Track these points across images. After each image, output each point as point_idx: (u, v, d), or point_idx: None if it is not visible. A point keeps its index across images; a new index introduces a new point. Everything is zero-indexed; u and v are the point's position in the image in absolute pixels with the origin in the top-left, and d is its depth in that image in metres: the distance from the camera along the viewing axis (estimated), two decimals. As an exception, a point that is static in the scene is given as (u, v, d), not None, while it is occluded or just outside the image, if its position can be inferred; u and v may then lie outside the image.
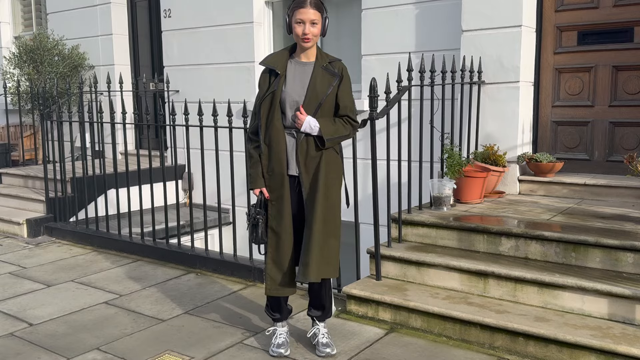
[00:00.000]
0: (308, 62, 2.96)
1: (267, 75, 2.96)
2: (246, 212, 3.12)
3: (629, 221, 3.72)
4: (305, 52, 2.95)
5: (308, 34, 2.84)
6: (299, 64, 2.96)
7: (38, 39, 7.63)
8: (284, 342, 3.13)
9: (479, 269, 3.45)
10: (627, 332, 2.94)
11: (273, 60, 2.97)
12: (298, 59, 2.97)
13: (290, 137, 2.95)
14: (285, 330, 3.18)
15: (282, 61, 2.95)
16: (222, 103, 4.87)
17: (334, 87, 2.93)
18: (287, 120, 2.93)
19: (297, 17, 2.84)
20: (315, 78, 2.91)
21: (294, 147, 2.94)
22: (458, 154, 4.23)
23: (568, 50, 4.65)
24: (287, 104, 2.92)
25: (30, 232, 5.77)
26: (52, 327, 3.59)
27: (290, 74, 2.95)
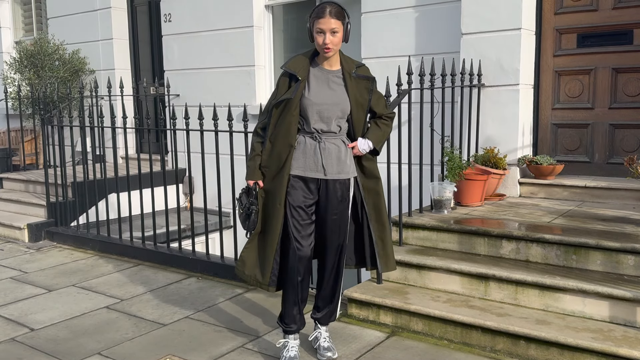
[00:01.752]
0: (332, 70, 2.94)
1: (287, 79, 2.92)
2: (237, 197, 3.13)
3: (629, 223, 3.72)
4: (328, 60, 2.93)
5: (328, 44, 2.82)
6: (322, 71, 2.94)
7: (39, 44, 7.65)
8: (295, 355, 3.04)
9: (480, 272, 3.45)
10: (628, 335, 2.94)
11: (294, 65, 2.92)
12: (321, 66, 2.94)
13: (310, 140, 2.95)
14: (297, 343, 3.09)
15: (304, 67, 2.92)
16: (222, 107, 4.88)
17: (372, 90, 2.99)
18: (308, 126, 2.93)
19: (317, 26, 2.82)
20: (354, 89, 2.94)
21: (316, 150, 2.94)
22: (458, 157, 4.23)
23: (568, 52, 4.66)
24: (313, 110, 2.90)
25: (31, 236, 5.77)
26: (53, 332, 3.59)
27: (313, 80, 2.92)
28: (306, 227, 2.97)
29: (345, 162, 2.99)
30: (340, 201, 3.00)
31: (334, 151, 2.96)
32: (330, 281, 3.11)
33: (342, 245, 3.07)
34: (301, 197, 2.95)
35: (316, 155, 2.94)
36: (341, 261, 3.10)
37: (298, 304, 3.04)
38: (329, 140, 2.95)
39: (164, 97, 6.83)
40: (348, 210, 3.05)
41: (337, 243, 3.05)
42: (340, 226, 3.03)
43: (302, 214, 2.95)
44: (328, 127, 2.94)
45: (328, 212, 2.99)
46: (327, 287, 3.12)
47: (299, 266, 2.95)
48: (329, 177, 2.96)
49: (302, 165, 2.95)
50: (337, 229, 3.02)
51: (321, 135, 2.94)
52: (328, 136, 2.95)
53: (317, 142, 2.94)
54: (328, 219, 3.00)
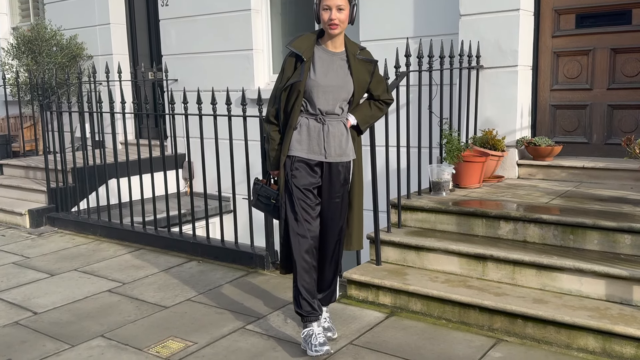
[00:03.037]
0: (337, 52, 2.94)
1: (293, 59, 2.91)
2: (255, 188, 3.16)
3: (627, 203, 3.74)
4: (333, 40, 2.91)
5: (334, 20, 2.80)
6: (327, 53, 2.93)
7: (36, 30, 7.62)
8: (325, 341, 2.95)
9: (477, 253, 3.48)
10: (624, 313, 2.97)
11: (299, 44, 2.90)
12: (325, 47, 2.93)
13: (314, 122, 2.95)
14: (321, 330, 3.00)
15: (309, 47, 2.91)
16: (220, 91, 4.87)
17: (373, 73, 3.00)
18: (313, 107, 2.93)
19: (323, 3, 2.82)
20: (358, 71, 2.94)
21: (320, 133, 2.94)
22: (457, 139, 4.24)
23: (566, 33, 4.65)
24: (318, 92, 2.89)
25: (32, 222, 5.80)
26: (56, 316, 3.63)
27: (318, 62, 2.92)
28: (314, 208, 2.98)
29: (347, 144, 3.01)
30: (342, 184, 3.03)
31: (337, 134, 2.97)
32: (331, 263, 3.14)
33: (342, 227, 3.10)
34: (307, 179, 2.96)
35: (320, 138, 2.94)
36: (341, 243, 3.13)
37: (314, 287, 3.03)
38: (333, 123, 2.96)
39: (162, 82, 6.82)
40: (347, 193, 3.08)
41: (339, 225, 3.07)
42: (341, 209, 3.05)
43: (310, 195, 2.96)
44: (332, 109, 2.95)
45: (331, 196, 3.01)
46: (329, 270, 3.14)
47: (312, 248, 2.97)
48: (332, 160, 2.97)
49: (307, 148, 2.95)
50: (338, 211, 3.04)
51: (325, 117, 2.95)
52: (331, 118, 2.96)
53: (321, 125, 2.94)
54: (331, 202, 3.02)
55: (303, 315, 3.00)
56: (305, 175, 2.96)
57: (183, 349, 3.12)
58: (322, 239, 3.08)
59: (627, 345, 2.83)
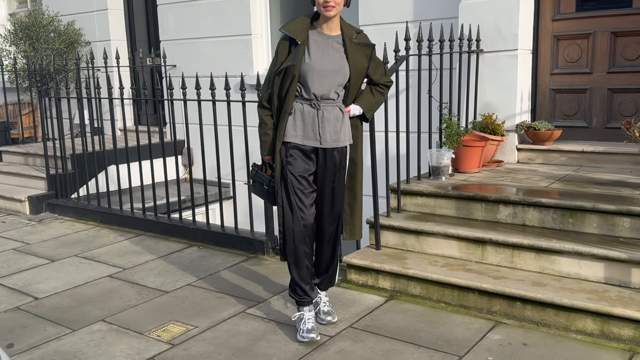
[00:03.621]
0: (332, 35, 2.88)
1: (287, 43, 2.86)
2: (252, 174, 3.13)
3: (626, 187, 3.74)
4: (328, 22, 2.85)
5: (330, 2, 2.74)
6: (322, 36, 2.87)
7: (33, 16, 7.58)
8: (313, 326, 2.99)
9: (477, 237, 3.49)
10: (623, 295, 2.99)
11: (293, 27, 2.85)
12: (320, 30, 2.88)
13: (308, 107, 2.91)
14: (312, 315, 3.06)
15: (303, 30, 2.85)
16: (219, 77, 4.85)
17: (370, 57, 2.94)
18: (308, 92, 2.88)
19: None
20: (354, 55, 2.87)
21: (314, 119, 2.90)
22: (456, 124, 4.23)
23: (566, 16, 4.62)
24: (313, 76, 2.84)
25: (32, 209, 5.81)
26: (57, 301, 3.65)
27: (313, 45, 2.86)
28: (309, 195, 2.97)
29: (343, 129, 2.97)
30: (338, 169, 3.00)
31: (332, 119, 2.93)
32: (329, 249, 3.14)
33: (340, 212, 3.09)
34: (302, 166, 2.93)
35: (314, 123, 2.91)
36: (339, 228, 3.13)
37: (308, 273, 3.04)
38: (327, 108, 2.92)
39: (160, 68, 6.79)
40: (344, 178, 3.06)
41: (335, 211, 3.06)
42: (337, 194, 3.04)
43: (304, 182, 2.94)
44: (327, 94, 2.90)
45: (327, 181, 2.99)
46: (326, 254, 3.15)
47: (304, 236, 2.96)
48: (327, 145, 2.94)
49: (301, 134, 2.92)
50: (334, 197, 3.03)
51: (319, 102, 2.90)
52: (326, 103, 2.92)
53: (315, 110, 2.90)
54: (327, 188, 3.00)
55: (295, 299, 3.07)
56: (301, 162, 2.93)
57: (184, 333, 3.14)
58: (319, 224, 3.07)
59: (625, 327, 2.84)
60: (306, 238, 2.98)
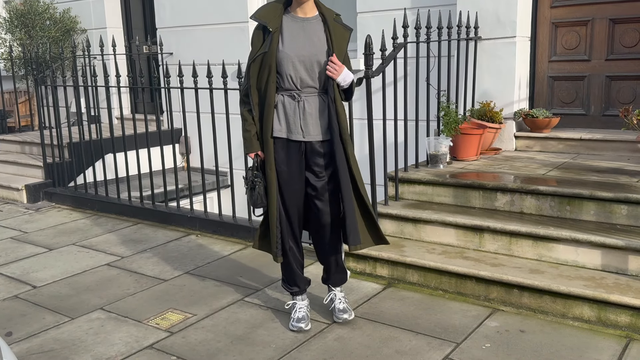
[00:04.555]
0: (307, 18, 2.73)
1: (260, 32, 2.72)
2: (243, 175, 2.99)
3: (623, 174, 3.75)
4: (302, 5, 2.70)
5: None
6: (296, 20, 2.73)
7: (29, 3, 7.51)
8: (304, 316, 2.98)
9: (474, 224, 3.49)
10: (619, 282, 3.00)
11: (265, 14, 2.71)
12: (294, 15, 2.73)
13: (289, 99, 2.76)
14: (305, 304, 3.03)
15: (276, 16, 2.70)
16: (216, 65, 4.83)
17: (348, 42, 2.80)
18: (285, 82, 2.74)
19: None
20: (337, 36, 2.73)
21: (296, 111, 2.76)
22: (454, 112, 4.22)
23: (565, 3, 4.60)
24: (288, 64, 2.70)
25: (29, 197, 5.80)
26: (56, 289, 3.65)
27: (287, 31, 2.71)
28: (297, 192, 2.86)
29: (328, 120, 2.77)
30: (326, 163, 2.83)
31: (315, 110, 2.76)
32: (330, 248, 3.00)
33: (336, 208, 2.90)
34: (289, 161, 2.81)
35: (296, 116, 2.75)
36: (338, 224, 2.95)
37: (296, 264, 3.00)
38: (309, 99, 2.76)
39: (157, 56, 6.75)
40: (338, 173, 2.81)
41: (330, 207, 2.88)
42: (329, 189, 2.86)
43: (294, 179, 2.83)
44: (307, 82, 2.73)
45: (316, 175, 2.84)
46: (329, 254, 3.01)
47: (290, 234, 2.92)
48: (312, 138, 2.78)
49: (285, 127, 2.78)
50: (326, 192, 2.85)
51: (300, 92, 2.75)
52: (308, 93, 2.76)
53: (296, 102, 2.75)
54: (317, 184, 2.85)
55: (287, 290, 3.08)
56: (287, 157, 2.81)
57: (182, 321, 3.15)
58: (316, 221, 2.94)
59: (622, 314, 2.86)
60: (295, 235, 2.92)
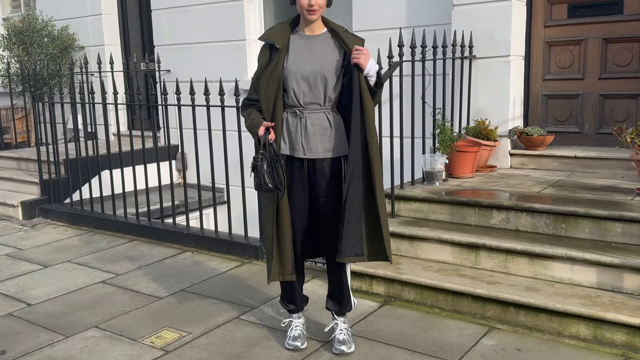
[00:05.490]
0: (314, 35, 2.74)
1: (267, 50, 2.74)
2: None
3: (618, 192, 3.77)
4: (310, 25, 2.72)
5: (314, 5, 2.62)
6: (303, 38, 2.74)
7: (27, 20, 7.56)
8: (300, 334, 2.96)
9: (470, 242, 3.50)
10: (615, 300, 3.00)
11: (272, 34, 2.74)
12: (302, 33, 2.74)
13: (292, 116, 2.74)
14: (301, 322, 3.01)
15: (283, 35, 2.73)
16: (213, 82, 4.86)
17: None
18: (289, 99, 2.72)
19: None
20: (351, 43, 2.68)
21: (297, 127, 2.73)
22: (450, 129, 4.25)
23: (558, 23, 4.66)
24: (292, 80, 2.69)
25: (25, 214, 5.78)
26: (50, 307, 3.63)
27: (293, 48, 2.72)
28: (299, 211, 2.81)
29: (333, 137, 2.73)
30: (329, 182, 2.78)
31: (318, 127, 2.72)
32: (336, 271, 2.93)
33: None
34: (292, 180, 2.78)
35: (298, 132, 2.73)
36: None
37: (293, 288, 2.95)
38: (312, 115, 2.72)
39: (154, 73, 6.79)
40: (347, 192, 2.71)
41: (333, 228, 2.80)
42: (332, 210, 2.78)
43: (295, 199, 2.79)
44: (309, 99, 2.71)
45: (318, 194, 2.80)
46: (335, 277, 2.95)
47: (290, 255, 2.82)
48: (313, 156, 2.74)
49: (288, 144, 2.77)
50: (329, 212, 2.79)
51: (303, 109, 2.72)
52: (311, 110, 2.73)
53: (298, 119, 2.73)
54: (320, 203, 2.80)
55: (284, 308, 3.07)
56: (290, 174, 2.77)
57: (177, 339, 3.13)
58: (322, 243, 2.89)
59: (618, 332, 2.86)
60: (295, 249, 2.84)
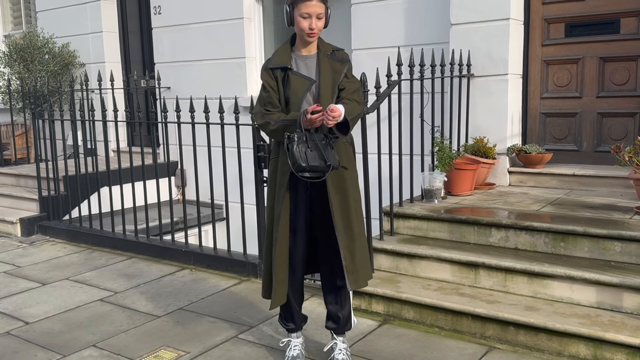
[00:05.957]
0: (310, 55, 2.81)
1: (269, 71, 2.78)
2: None
3: (617, 210, 3.77)
4: (307, 46, 2.80)
5: (315, 29, 2.69)
6: (300, 58, 2.81)
7: (28, 38, 7.61)
8: (299, 354, 2.96)
9: (469, 260, 3.50)
10: (615, 320, 2.99)
11: (279, 58, 2.79)
12: (299, 53, 2.82)
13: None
14: (300, 341, 3.00)
15: (288, 57, 2.79)
16: (213, 99, 4.89)
17: (344, 74, 2.79)
18: None
19: (302, 10, 2.67)
20: (325, 69, 2.76)
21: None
22: (448, 147, 4.27)
23: (556, 42, 4.70)
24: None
25: (24, 231, 5.77)
26: (48, 325, 3.61)
27: (294, 68, 2.78)
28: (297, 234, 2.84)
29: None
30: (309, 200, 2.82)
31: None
32: (336, 288, 2.91)
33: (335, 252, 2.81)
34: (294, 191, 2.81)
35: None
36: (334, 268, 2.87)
37: (296, 301, 2.96)
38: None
39: (154, 90, 6.82)
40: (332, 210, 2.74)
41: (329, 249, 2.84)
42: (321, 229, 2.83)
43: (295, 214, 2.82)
44: None
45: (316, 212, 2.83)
46: (335, 295, 2.93)
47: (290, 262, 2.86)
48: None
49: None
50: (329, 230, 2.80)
51: None
52: None
53: None
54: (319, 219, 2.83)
55: (283, 327, 3.05)
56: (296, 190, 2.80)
57: (175, 359, 3.11)
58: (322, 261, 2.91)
59: (618, 353, 2.85)
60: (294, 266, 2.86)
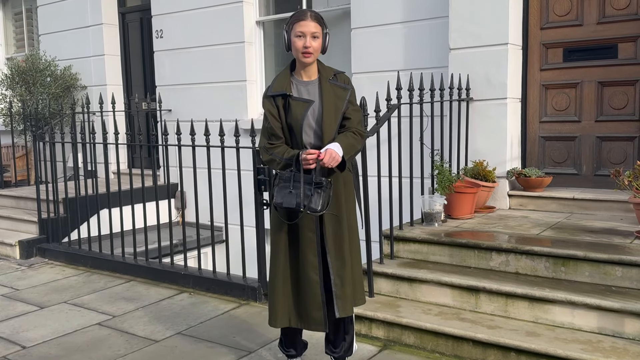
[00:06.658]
0: (310, 81, 2.78)
1: (271, 99, 2.76)
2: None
3: (617, 235, 3.76)
4: (306, 69, 2.76)
5: (309, 47, 2.65)
6: (301, 84, 2.78)
7: (30, 60, 7.68)
8: None
9: (470, 285, 3.48)
10: (617, 346, 2.97)
11: (279, 85, 2.76)
12: (299, 79, 2.78)
13: None
14: None
15: (287, 83, 2.76)
16: (214, 122, 4.91)
17: (348, 100, 2.77)
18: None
19: (297, 30, 2.65)
20: (328, 95, 2.72)
21: None
22: (448, 170, 4.28)
23: (554, 66, 4.74)
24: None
25: (22, 253, 5.75)
26: (45, 350, 3.57)
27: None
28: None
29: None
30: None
31: None
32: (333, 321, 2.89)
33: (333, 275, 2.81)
34: None
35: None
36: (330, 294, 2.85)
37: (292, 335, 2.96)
38: None
39: (155, 113, 6.86)
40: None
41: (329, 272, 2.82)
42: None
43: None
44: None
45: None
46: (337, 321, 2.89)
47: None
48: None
49: None
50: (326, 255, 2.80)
51: None
52: None
53: None
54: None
55: (283, 353, 3.05)
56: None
57: (173, 384, 3.08)
58: None
59: (621, 379, 2.82)
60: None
